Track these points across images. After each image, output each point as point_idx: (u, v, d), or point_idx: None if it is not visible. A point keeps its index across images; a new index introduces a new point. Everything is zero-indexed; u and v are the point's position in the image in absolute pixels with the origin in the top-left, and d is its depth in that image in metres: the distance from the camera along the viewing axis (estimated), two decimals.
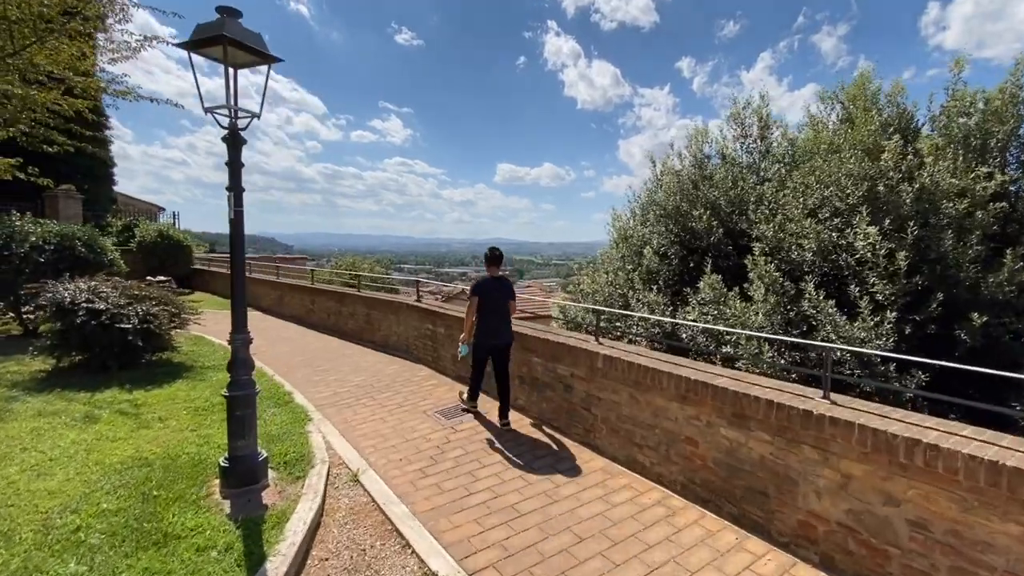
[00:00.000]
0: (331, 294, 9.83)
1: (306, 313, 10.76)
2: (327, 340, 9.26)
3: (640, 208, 9.14)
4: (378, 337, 8.52)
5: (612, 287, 8.12)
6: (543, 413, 5.03)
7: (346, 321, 9.40)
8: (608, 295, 8.08)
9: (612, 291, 8.08)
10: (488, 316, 5.04)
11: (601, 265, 9.37)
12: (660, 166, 9.21)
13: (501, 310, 5.09)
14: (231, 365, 3.72)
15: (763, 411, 3.10)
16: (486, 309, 5.03)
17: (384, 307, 8.30)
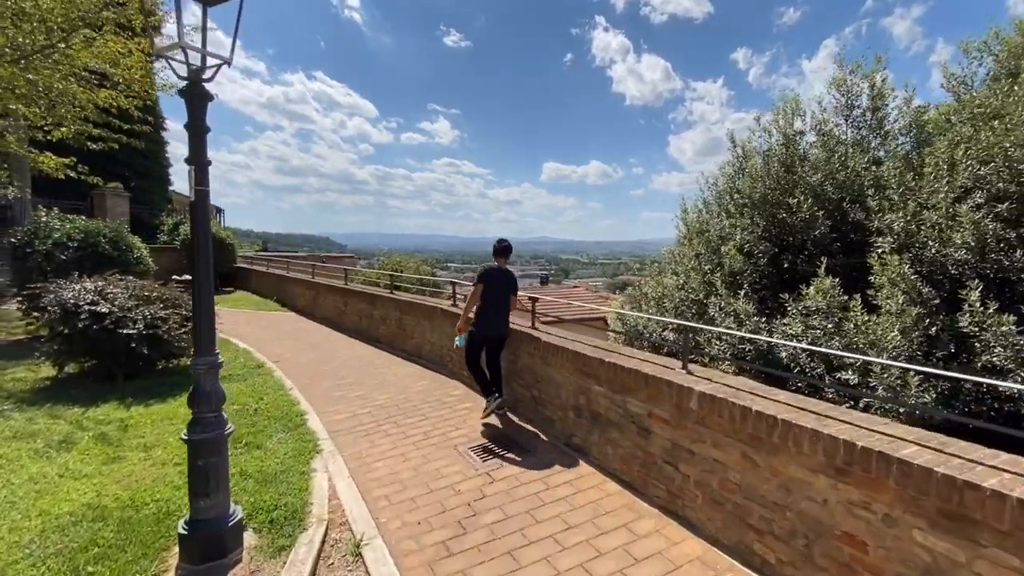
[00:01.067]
0: (362, 296, 9.00)
1: (338, 315, 10.01)
2: (357, 347, 8.41)
3: (716, 197, 7.72)
4: (410, 345, 7.56)
5: (684, 291, 6.78)
6: (607, 460, 3.84)
7: (377, 326, 8.52)
8: (679, 301, 6.76)
9: (684, 296, 6.74)
10: (490, 308, 4.92)
11: (668, 265, 8.03)
12: (740, 148, 7.76)
13: (503, 303, 4.99)
14: (192, 398, 2.77)
15: (1012, 518, 1.80)
16: (488, 300, 4.90)
17: (417, 312, 7.33)
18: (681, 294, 6.86)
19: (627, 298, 9.24)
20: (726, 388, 3.07)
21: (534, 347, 4.69)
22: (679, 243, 9.05)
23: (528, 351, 4.83)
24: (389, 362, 7.33)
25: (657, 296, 7.35)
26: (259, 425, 4.87)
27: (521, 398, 4.99)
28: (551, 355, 4.46)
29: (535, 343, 4.68)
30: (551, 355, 4.46)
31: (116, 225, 8.78)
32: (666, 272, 8.12)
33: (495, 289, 4.90)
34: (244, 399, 5.65)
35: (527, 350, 4.85)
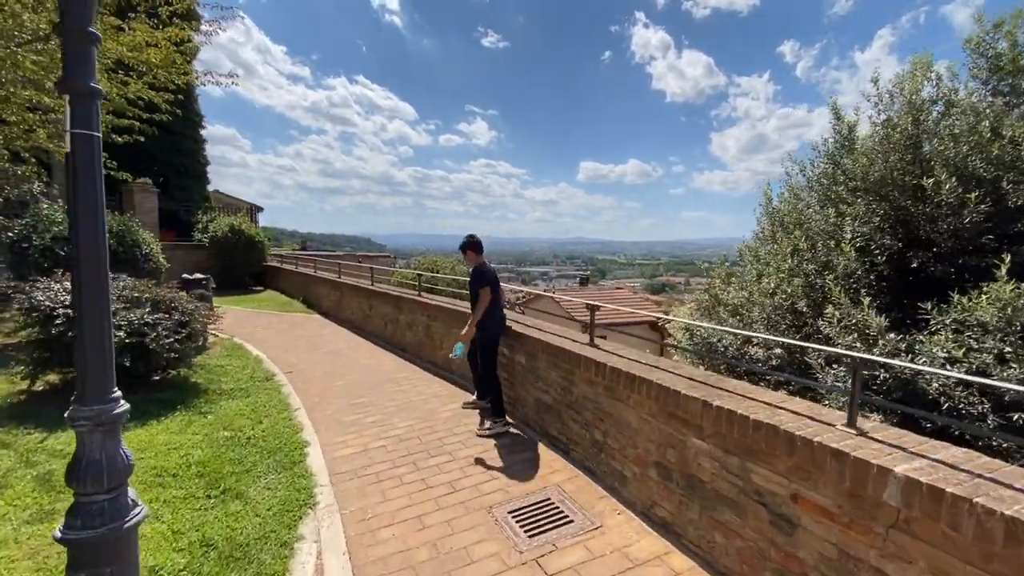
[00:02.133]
0: (388, 298, 8.00)
1: (363, 319, 9.08)
2: (380, 356, 7.41)
3: (812, 181, 6.32)
4: (440, 357, 6.49)
5: (777, 298, 5.43)
6: (714, 551, 2.61)
7: (403, 332, 7.50)
8: (772, 310, 5.41)
9: (778, 303, 5.39)
10: (496, 307, 4.76)
11: (750, 265, 6.65)
12: (844, 123, 6.32)
13: (500, 300, 4.92)
14: (71, 471, 1.73)
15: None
16: (495, 300, 4.74)
17: (447, 317, 6.25)
18: (773, 301, 5.48)
19: (695, 304, 7.86)
20: (946, 469, 1.80)
21: (597, 373, 3.49)
22: (757, 239, 7.63)
23: (587, 378, 3.63)
24: (413, 376, 6.27)
25: (738, 303, 6.00)
26: (248, 461, 3.88)
27: (578, 439, 3.80)
28: (622, 387, 3.25)
29: (598, 369, 3.48)
30: (622, 387, 3.25)
31: (124, 219, 8.12)
32: (747, 273, 6.74)
33: (497, 288, 4.81)
34: (240, 422, 4.69)
35: (585, 376, 3.66)
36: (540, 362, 4.31)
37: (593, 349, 3.82)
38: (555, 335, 4.36)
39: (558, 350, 3.98)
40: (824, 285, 4.93)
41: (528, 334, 4.49)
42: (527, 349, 4.53)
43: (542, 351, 4.25)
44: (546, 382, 4.22)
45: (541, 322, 5.13)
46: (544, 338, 4.26)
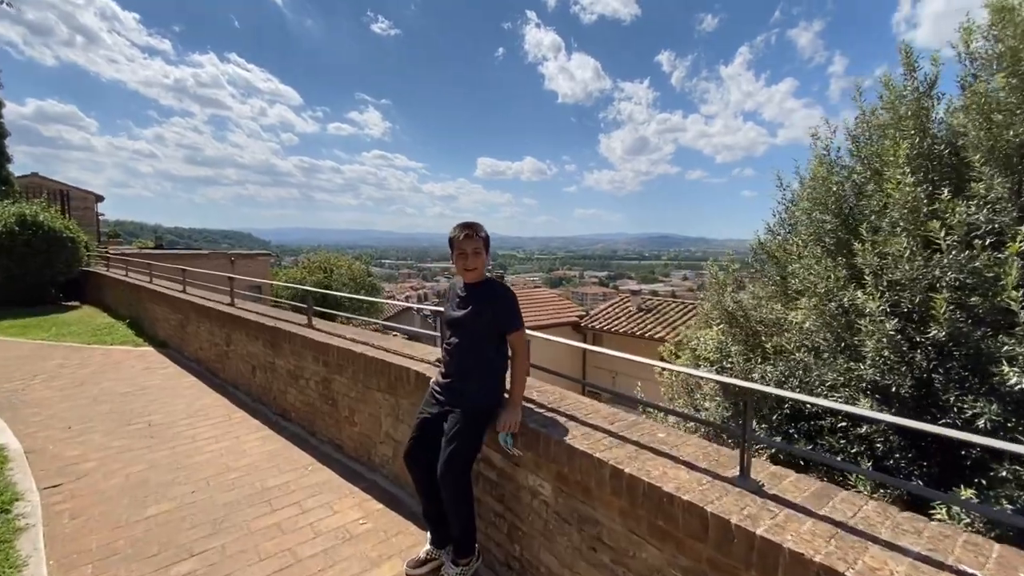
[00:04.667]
0: (257, 329, 5.01)
1: (218, 359, 5.93)
2: (242, 432, 4.43)
3: (868, 146, 4.62)
4: (350, 436, 3.79)
5: (825, 318, 3.64)
6: None
7: (284, 388, 4.62)
8: (816, 328, 3.63)
9: (824, 322, 3.60)
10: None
11: (766, 268, 4.85)
12: (921, 75, 4.67)
13: None
14: None
15: None
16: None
17: (360, 370, 3.58)
18: (818, 319, 3.68)
19: (701, 320, 5.92)
20: None
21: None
22: (772, 232, 5.86)
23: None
24: (303, 483, 3.48)
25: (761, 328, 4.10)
26: None
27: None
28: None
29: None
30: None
31: None
32: (764, 284, 4.93)
33: None
34: None
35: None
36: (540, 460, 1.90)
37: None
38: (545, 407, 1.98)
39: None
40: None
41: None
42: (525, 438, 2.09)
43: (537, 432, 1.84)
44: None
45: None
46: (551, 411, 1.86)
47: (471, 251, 2.38)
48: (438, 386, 2.49)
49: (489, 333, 2.38)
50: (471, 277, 2.43)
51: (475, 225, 2.42)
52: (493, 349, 2.41)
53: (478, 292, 2.42)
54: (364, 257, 47.37)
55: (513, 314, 2.36)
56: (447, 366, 2.47)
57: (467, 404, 2.34)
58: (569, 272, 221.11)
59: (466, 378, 2.38)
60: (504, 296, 2.38)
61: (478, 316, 2.36)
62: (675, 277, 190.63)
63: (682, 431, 2.35)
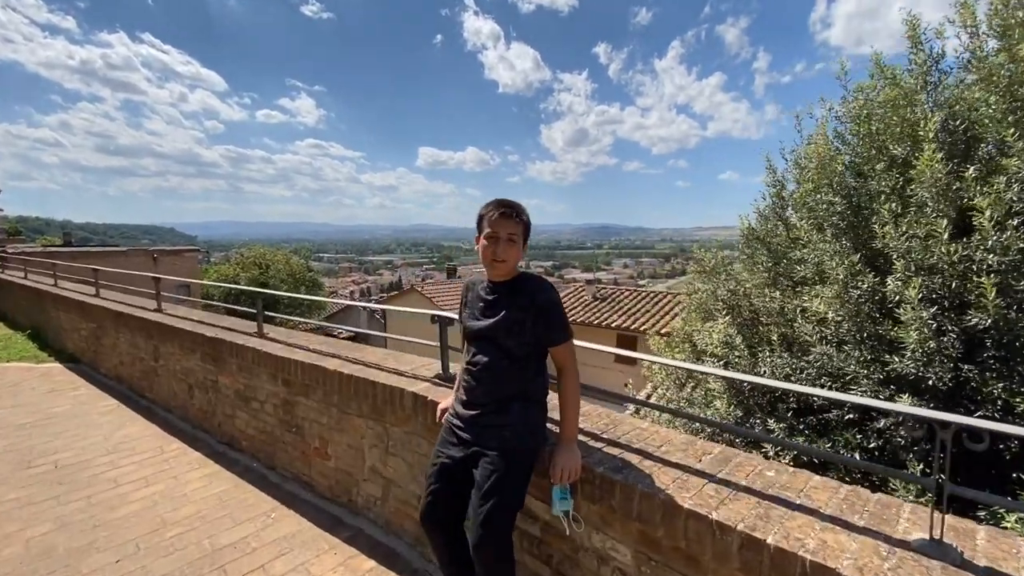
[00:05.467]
0: (194, 340, 4.12)
1: (144, 375, 4.94)
2: (180, 469, 3.58)
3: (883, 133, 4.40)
4: (320, 470, 3.09)
5: (851, 308, 3.42)
6: None
7: (232, 411, 3.80)
8: (841, 319, 3.41)
9: (848, 311, 3.39)
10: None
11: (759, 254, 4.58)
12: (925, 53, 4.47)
13: None
14: None
15: None
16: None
17: (333, 389, 2.89)
18: (840, 312, 3.42)
19: (695, 311, 5.59)
20: None
21: None
22: (763, 218, 5.63)
23: None
24: (266, 535, 2.75)
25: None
26: None
27: None
28: None
29: None
30: None
31: None
32: (756, 272, 4.68)
33: None
34: None
35: None
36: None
37: None
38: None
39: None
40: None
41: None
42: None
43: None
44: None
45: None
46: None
47: (505, 236, 1.77)
48: (460, 420, 1.88)
49: (529, 347, 1.80)
50: (500, 272, 1.82)
51: (516, 205, 1.82)
52: (534, 368, 1.83)
53: (510, 292, 1.82)
54: (302, 251, 44.87)
55: (560, 321, 1.79)
56: (471, 392, 1.86)
57: (506, 444, 1.75)
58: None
59: (502, 409, 1.79)
60: (547, 297, 1.79)
61: (514, 325, 1.77)
62: (616, 265, 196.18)
63: (704, 439, 1.93)
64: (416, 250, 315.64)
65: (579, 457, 1.72)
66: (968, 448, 1.31)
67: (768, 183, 5.67)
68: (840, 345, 3.92)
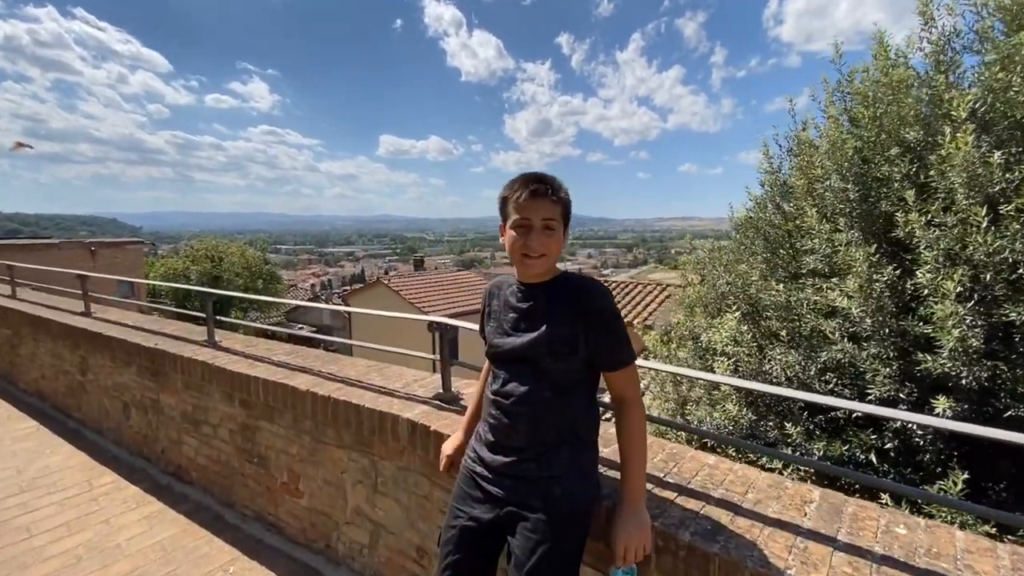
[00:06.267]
0: (129, 351, 3.43)
1: (70, 391, 4.20)
2: (114, 509, 2.94)
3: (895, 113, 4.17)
4: (298, 514, 2.56)
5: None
6: None
7: (178, 435, 3.19)
8: (865, 314, 3.19)
9: (872, 306, 3.17)
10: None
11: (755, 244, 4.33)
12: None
13: None
14: None
15: None
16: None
17: (316, 415, 2.36)
18: (864, 307, 3.19)
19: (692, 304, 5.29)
20: None
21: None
22: (759, 206, 5.38)
23: None
24: None
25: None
26: None
27: None
28: None
29: None
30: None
31: None
32: (753, 263, 4.44)
33: None
34: None
35: None
36: None
37: None
38: None
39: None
40: None
41: None
42: None
43: None
44: None
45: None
46: None
47: (539, 223, 1.30)
48: (486, 468, 1.41)
49: (579, 372, 1.35)
50: (535, 271, 1.35)
51: (550, 179, 1.34)
52: (584, 399, 1.38)
53: (552, 298, 1.36)
54: (258, 242, 42.79)
55: (623, 337, 1.34)
56: (502, 432, 1.39)
57: (555, 505, 1.29)
58: (480, 253, 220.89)
59: (547, 456, 1.33)
60: (605, 305, 1.33)
61: (560, 344, 1.31)
62: (580, 256, 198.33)
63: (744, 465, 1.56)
64: (379, 241, 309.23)
65: (649, 525, 1.28)
66: None
67: (765, 170, 5.41)
68: (859, 341, 3.66)
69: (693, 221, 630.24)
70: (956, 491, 2.77)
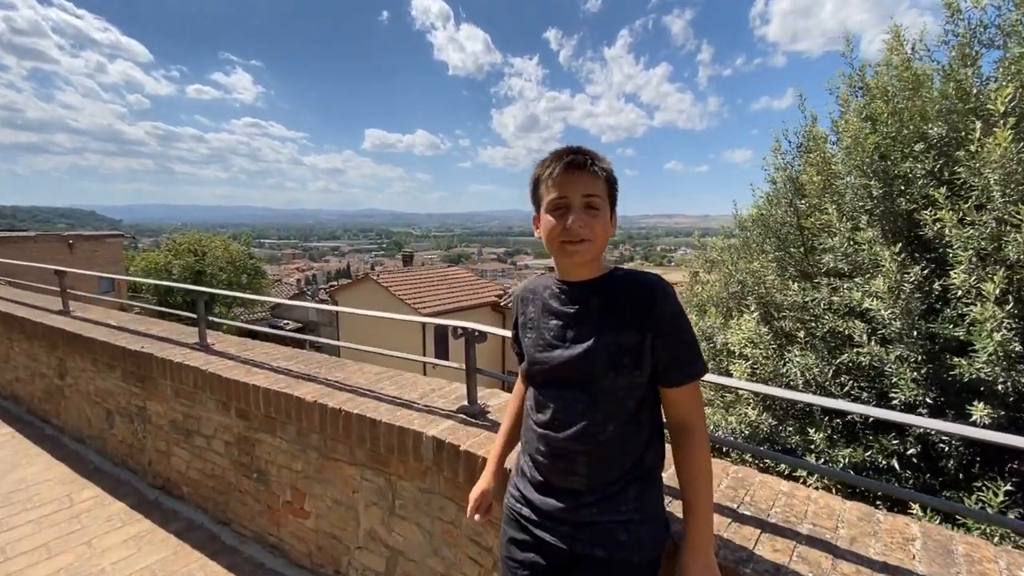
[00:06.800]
0: (112, 355, 3.17)
1: (48, 395, 3.91)
2: (98, 537, 2.68)
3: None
4: (303, 535, 2.34)
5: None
6: None
7: (167, 446, 2.94)
8: (894, 316, 3.06)
9: (902, 308, 3.06)
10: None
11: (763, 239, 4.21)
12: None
13: None
14: None
15: None
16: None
17: (324, 428, 2.14)
18: (894, 309, 3.11)
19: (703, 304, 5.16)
20: None
21: None
22: (771, 203, 5.29)
23: None
24: None
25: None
26: None
27: None
28: None
29: None
30: None
31: None
32: (764, 262, 4.33)
33: None
34: None
35: None
36: None
37: None
38: None
39: None
40: None
41: None
42: None
43: None
44: None
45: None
46: None
47: (580, 201, 1.10)
48: (534, 511, 1.19)
49: (644, 390, 1.14)
50: (581, 260, 1.13)
51: (588, 150, 1.14)
52: (648, 423, 1.17)
53: (606, 299, 1.14)
54: (242, 236, 42.14)
55: (694, 343, 1.13)
56: (552, 472, 1.17)
57: (623, 552, 1.09)
58: (468, 249, 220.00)
59: (612, 497, 1.12)
60: (673, 308, 1.11)
61: (622, 355, 1.10)
62: None
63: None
64: (364, 236, 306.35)
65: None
66: None
67: (775, 166, 5.29)
68: (883, 344, 3.54)
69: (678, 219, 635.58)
70: (997, 503, 2.64)
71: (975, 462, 3.28)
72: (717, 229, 5.57)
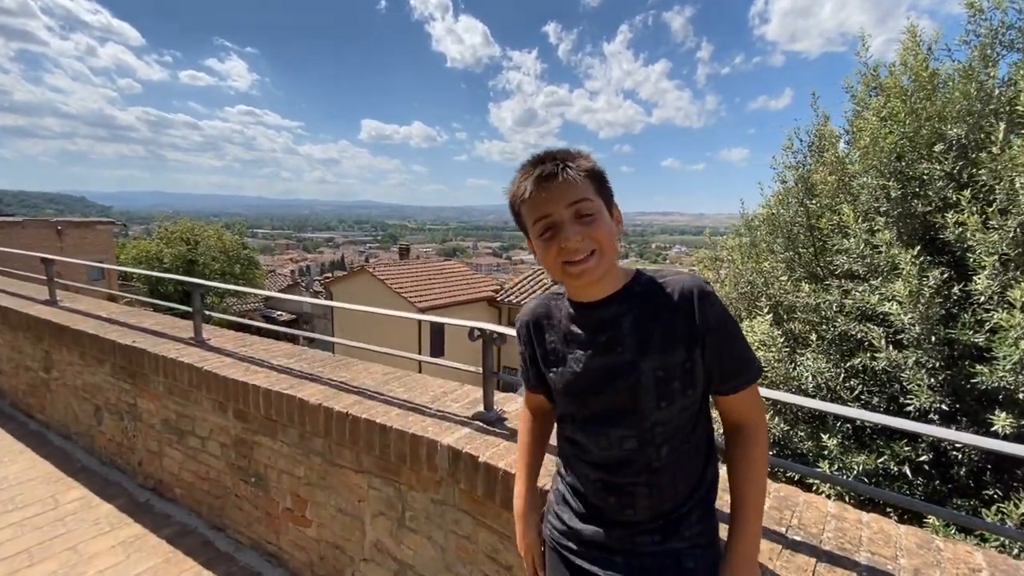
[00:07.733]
0: (101, 348, 3.02)
1: (31, 390, 3.75)
2: (83, 542, 2.53)
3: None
4: (305, 544, 2.21)
5: None
6: None
7: (159, 446, 2.80)
8: (914, 321, 2.97)
9: (921, 313, 2.96)
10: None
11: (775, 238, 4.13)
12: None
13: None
14: None
15: None
16: None
17: (329, 433, 2.01)
18: (914, 314, 3.01)
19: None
20: None
21: None
22: (782, 203, 5.18)
23: None
24: None
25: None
26: None
27: None
28: None
29: None
30: None
31: None
32: (774, 262, 4.25)
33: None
34: None
35: None
36: None
37: None
38: None
39: None
40: None
41: None
42: None
43: None
44: None
45: None
46: None
47: (567, 214, 0.94)
48: (581, 542, 1.06)
49: (697, 405, 1.01)
50: (591, 276, 0.96)
51: (559, 152, 0.97)
52: (705, 438, 1.05)
53: (639, 314, 0.99)
54: (235, 226, 41.71)
55: (745, 344, 1.00)
56: (604, 507, 1.04)
57: None
58: (463, 243, 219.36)
59: (671, 527, 1.00)
60: (718, 312, 0.97)
61: (670, 379, 0.96)
62: None
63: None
64: (360, 228, 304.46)
65: None
66: None
67: (787, 165, 5.20)
68: (899, 349, 3.45)
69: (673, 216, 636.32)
70: (1018, 515, 2.56)
71: (986, 470, 3.22)
72: (712, 228, 5.49)
